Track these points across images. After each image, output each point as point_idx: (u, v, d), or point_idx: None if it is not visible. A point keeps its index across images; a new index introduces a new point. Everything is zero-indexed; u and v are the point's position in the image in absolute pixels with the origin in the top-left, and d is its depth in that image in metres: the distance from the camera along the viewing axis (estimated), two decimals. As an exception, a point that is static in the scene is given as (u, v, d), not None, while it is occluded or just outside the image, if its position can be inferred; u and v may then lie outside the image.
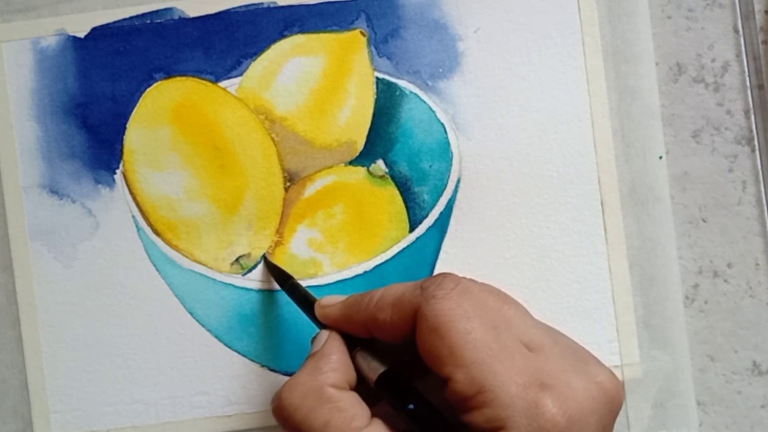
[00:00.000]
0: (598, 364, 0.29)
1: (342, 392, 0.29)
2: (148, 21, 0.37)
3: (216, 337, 0.37)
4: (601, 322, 0.37)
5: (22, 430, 0.37)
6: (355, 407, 0.28)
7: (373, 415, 0.29)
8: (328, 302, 0.32)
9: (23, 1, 0.37)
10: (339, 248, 0.37)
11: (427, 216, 0.37)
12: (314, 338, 0.31)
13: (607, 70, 0.37)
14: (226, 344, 0.37)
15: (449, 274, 0.29)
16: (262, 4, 0.37)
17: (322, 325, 0.32)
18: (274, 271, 0.36)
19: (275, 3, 0.37)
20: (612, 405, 0.28)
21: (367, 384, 0.30)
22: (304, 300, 0.33)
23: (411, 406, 0.28)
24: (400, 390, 0.29)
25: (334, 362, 0.30)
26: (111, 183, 0.37)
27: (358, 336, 0.31)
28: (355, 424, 0.28)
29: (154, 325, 0.37)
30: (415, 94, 0.37)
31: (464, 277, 0.29)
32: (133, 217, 0.37)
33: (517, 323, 0.29)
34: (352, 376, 0.30)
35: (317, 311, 0.32)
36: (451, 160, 0.37)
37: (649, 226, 0.37)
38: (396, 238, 0.37)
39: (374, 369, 0.29)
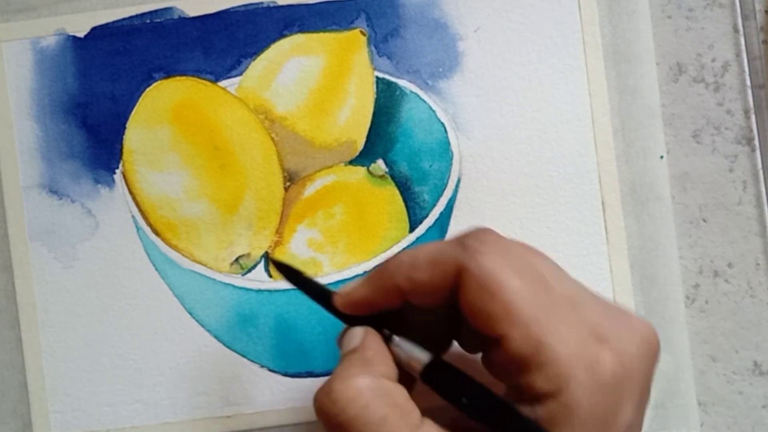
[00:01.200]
0: (633, 314, 0.29)
1: (396, 386, 0.27)
2: (148, 21, 0.37)
3: (216, 337, 0.37)
4: (602, 322, 0.36)
5: (22, 430, 0.37)
6: (408, 403, 0.27)
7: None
8: (349, 286, 0.29)
9: (23, 1, 0.37)
10: (339, 248, 0.37)
11: (427, 216, 0.37)
12: (343, 336, 0.29)
13: (607, 70, 0.37)
14: (226, 344, 0.37)
15: (486, 228, 0.28)
16: (262, 3, 0.37)
17: (341, 316, 0.30)
18: (281, 268, 0.34)
19: (275, 3, 0.37)
20: (654, 352, 0.28)
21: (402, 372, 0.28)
22: (321, 292, 0.31)
23: (464, 400, 0.26)
24: (449, 380, 0.27)
25: (380, 354, 0.28)
26: (111, 183, 0.37)
27: (387, 306, 0.29)
28: (411, 421, 0.26)
29: (154, 325, 0.37)
30: (415, 94, 0.37)
31: (497, 232, 0.28)
32: (133, 217, 0.37)
33: (558, 277, 0.28)
34: (396, 370, 0.28)
35: (339, 301, 0.29)
36: (451, 160, 0.37)
37: (649, 226, 0.37)
38: (396, 238, 0.37)
39: (416, 360, 0.28)
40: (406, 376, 0.28)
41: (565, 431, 0.25)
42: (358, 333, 0.29)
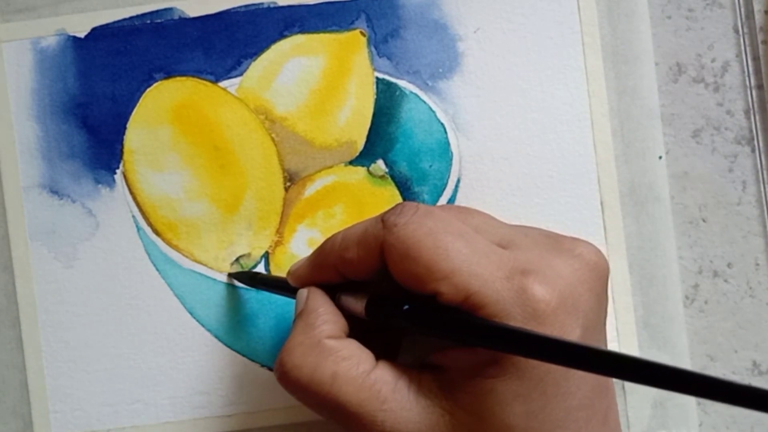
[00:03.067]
0: (573, 240, 0.29)
1: (341, 341, 0.29)
2: (148, 21, 0.37)
3: (216, 337, 0.37)
4: (601, 322, 0.36)
5: (22, 430, 0.37)
6: (358, 352, 0.28)
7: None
8: (296, 265, 0.32)
9: (23, 1, 0.37)
10: (339, 248, 0.37)
11: (427, 216, 0.37)
12: (296, 299, 0.31)
13: (606, 70, 0.37)
14: (226, 344, 0.37)
15: (408, 202, 0.29)
16: (262, 4, 0.37)
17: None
18: (239, 278, 0.36)
19: (275, 3, 0.37)
20: (598, 272, 0.29)
21: (360, 330, 0.30)
22: (278, 283, 0.33)
23: (407, 307, 0.28)
24: (390, 307, 0.28)
25: (323, 314, 0.30)
26: (111, 183, 0.37)
27: (332, 282, 0.31)
28: (362, 368, 0.28)
29: (154, 325, 0.37)
30: (415, 94, 0.37)
31: (423, 204, 0.29)
32: (133, 217, 0.37)
33: (484, 227, 0.29)
34: (344, 323, 0.30)
35: (288, 278, 0.32)
36: (451, 160, 0.37)
37: (648, 226, 0.37)
38: (396, 238, 0.37)
39: (360, 301, 0.29)
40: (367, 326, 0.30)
41: (511, 368, 0.26)
42: (302, 295, 0.31)
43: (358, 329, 0.30)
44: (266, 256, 0.37)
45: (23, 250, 0.37)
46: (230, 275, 0.36)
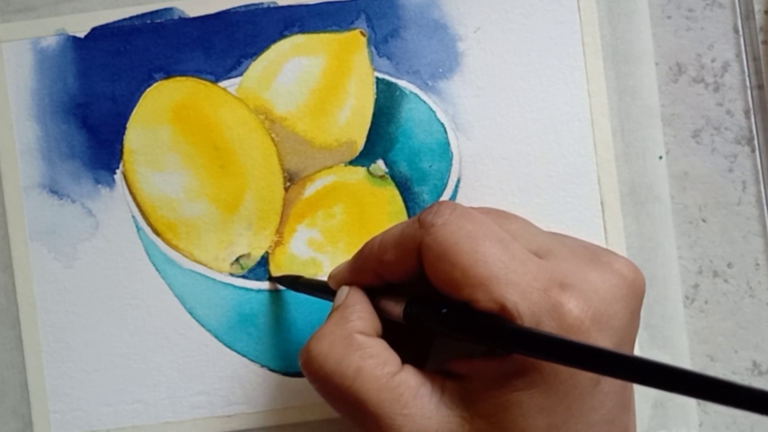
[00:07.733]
0: (611, 254, 0.29)
1: (371, 339, 0.29)
2: (148, 21, 0.37)
3: (216, 337, 0.37)
4: (601, 322, 0.36)
5: (22, 430, 0.37)
6: (385, 353, 0.28)
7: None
8: (337, 269, 0.32)
9: (23, 1, 0.37)
10: (339, 248, 0.37)
11: (427, 216, 0.37)
12: (336, 295, 0.31)
13: (606, 70, 0.37)
14: (226, 344, 0.37)
15: (445, 201, 0.29)
16: (262, 4, 0.37)
17: None
18: (282, 281, 0.36)
19: (275, 3, 0.37)
20: (635, 289, 0.28)
21: (392, 335, 0.30)
22: (320, 287, 0.33)
23: (444, 310, 0.27)
24: (428, 310, 0.28)
25: (359, 311, 0.29)
26: (111, 183, 0.37)
27: (372, 285, 0.30)
28: (387, 369, 0.28)
29: (154, 325, 0.37)
30: (415, 94, 0.37)
31: (460, 204, 0.29)
32: (133, 217, 0.37)
33: (522, 234, 0.29)
34: (378, 324, 0.30)
35: (330, 282, 0.32)
36: (451, 160, 0.37)
37: (649, 226, 0.37)
38: (396, 238, 0.37)
39: (399, 304, 0.29)
40: (399, 330, 0.30)
41: (538, 382, 0.26)
42: (343, 291, 0.31)
43: (390, 335, 0.30)
44: (266, 256, 0.37)
45: (23, 250, 0.37)
46: (272, 278, 0.36)
